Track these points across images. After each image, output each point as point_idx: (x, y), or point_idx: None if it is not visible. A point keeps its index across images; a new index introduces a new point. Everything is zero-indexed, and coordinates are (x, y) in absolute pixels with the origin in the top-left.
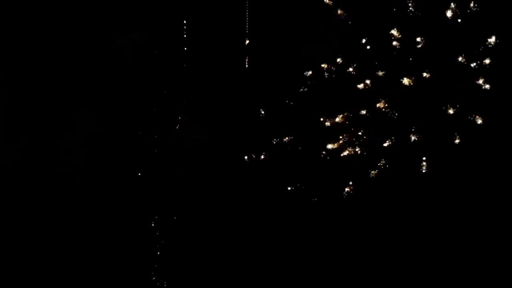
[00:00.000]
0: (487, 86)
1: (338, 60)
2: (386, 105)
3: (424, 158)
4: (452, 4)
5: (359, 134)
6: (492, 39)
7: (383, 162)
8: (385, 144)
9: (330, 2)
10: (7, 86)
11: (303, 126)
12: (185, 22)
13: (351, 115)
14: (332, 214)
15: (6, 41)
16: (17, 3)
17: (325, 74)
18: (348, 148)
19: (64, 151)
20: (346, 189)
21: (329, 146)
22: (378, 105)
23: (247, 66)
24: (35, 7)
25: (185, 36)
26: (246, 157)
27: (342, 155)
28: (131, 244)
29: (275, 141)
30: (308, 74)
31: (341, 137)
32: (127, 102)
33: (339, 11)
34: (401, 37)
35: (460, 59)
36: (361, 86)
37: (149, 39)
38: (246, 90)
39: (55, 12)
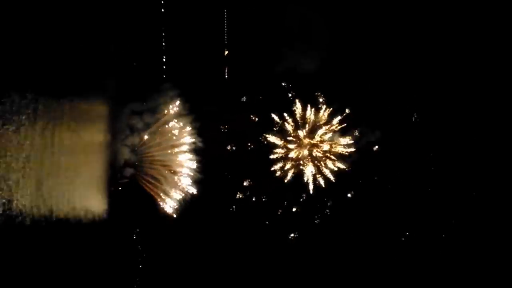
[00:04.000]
0: None
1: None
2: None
3: None
4: None
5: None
6: None
7: None
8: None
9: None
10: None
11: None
12: (164, 33)
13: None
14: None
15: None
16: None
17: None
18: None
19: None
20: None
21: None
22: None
23: (226, 76)
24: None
25: (164, 47)
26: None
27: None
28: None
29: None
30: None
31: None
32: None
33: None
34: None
35: None
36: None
37: (130, 50)
38: (226, 97)
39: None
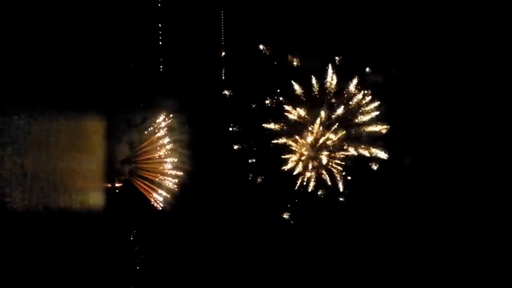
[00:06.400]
0: None
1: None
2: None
3: None
4: None
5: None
6: None
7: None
8: None
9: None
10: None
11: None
12: (161, 34)
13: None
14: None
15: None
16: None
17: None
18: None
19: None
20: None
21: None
22: None
23: (223, 77)
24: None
25: (160, 46)
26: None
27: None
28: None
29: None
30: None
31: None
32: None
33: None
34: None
35: None
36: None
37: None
38: (223, 100)
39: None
